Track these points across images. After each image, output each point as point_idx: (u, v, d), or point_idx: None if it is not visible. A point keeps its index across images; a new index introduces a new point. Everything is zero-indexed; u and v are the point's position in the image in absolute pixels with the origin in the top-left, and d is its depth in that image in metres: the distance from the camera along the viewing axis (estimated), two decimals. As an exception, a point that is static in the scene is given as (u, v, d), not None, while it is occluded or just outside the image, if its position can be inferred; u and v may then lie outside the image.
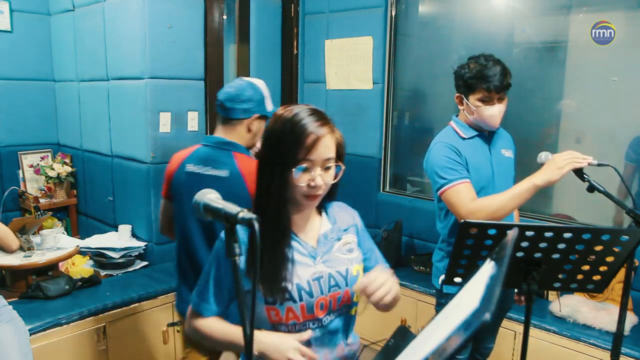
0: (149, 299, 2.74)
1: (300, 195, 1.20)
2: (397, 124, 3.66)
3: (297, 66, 3.95)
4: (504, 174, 2.04)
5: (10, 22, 3.48)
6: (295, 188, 1.18)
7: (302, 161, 1.16)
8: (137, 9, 2.95)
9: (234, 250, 0.94)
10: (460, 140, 2.01)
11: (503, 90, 1.90)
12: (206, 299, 1.26)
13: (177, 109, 3.15)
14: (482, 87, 1.88)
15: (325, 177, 1.20)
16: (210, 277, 1.26)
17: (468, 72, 1.92)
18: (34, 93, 3.67)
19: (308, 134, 1.16)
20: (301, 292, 1.22)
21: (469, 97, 1.94)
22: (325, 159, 1.19)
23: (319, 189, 1.19)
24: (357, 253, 1.35)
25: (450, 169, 1.90)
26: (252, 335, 0.95)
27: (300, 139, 1.15)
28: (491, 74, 1.86)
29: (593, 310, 2.52)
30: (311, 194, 1.19)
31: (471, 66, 1.92)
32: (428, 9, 3.54)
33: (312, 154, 1.16)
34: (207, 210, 1.00)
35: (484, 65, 1.89)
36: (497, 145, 2.06)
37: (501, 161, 2.04)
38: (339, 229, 1.33)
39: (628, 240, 1.38)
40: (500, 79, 1.87)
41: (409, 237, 3.45)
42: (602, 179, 1.76)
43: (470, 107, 1.94)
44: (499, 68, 1.88)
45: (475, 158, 1.98)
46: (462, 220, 1.43)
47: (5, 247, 2.09)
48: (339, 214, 1.37)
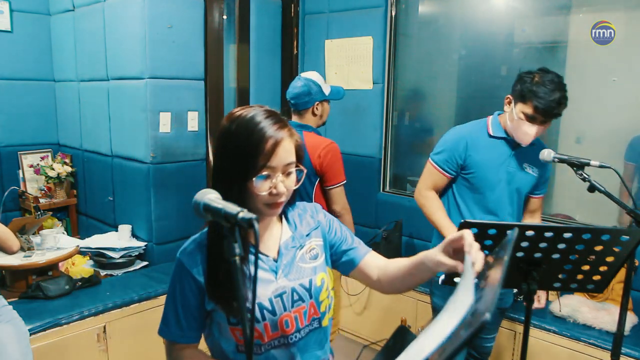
0: (149, 299, 2.74)
1: (262, 205, 1.13)
2: (397, 124, 3.66)
3: (297, 66, 3.95)
4: (514, 187, 2.04)
5: (10, 22, 3.48)
6: (257, 197, 1.12)
7: (262, 169, 1.09)
8: (137, 9, 2.95)
9: (234, 250, 0.94)
10: (483, 136, 2.03)
11: (550, 118, 1.90)
12: (176, 324, 1.18)
13: (177, 109, 3.15)
14: (534, 104, 1.86)
15: (287, 183, 1.14)
16: (176, 301, 1.18)
17: (529, 84, 1.88)
18: (34, 93, 3.67)
19: (267, 138, 1.09)
20: (263, 311, 1.15)
21: (517, 104, 1.93)
22: (286, 164, 1.13)
23: (281, 196, 1.13)
24: (323, 258, 1.28)
25: (444, 156, 2.06)
26: (252, 335, 0.95)
27: (259, 146, 1.09)
28: (550, 98, 1.84)
29: (593, 310, 2.52)
30: (274, 201, 1.13)
31: (535, 79, 1.89)
32: (428, 9, 3.54)
33: (273, 161, 1.10)
34: (207, 210, 1.00)
35: (547, 87, 1.85)
36: (523, 158, 2.04)
37: (517, 173, 2.03)
38: (301, 236, 1.26)
39: (628, 240, 1.38)
40: (554, 107, 1.85)
41: (409, 237, 3.45)
42: (602, 179, 1.76)
43: (513, 115, 1.94)
44: (559, 95, 1.85)
45: (485, 156, 2.00)
46: (462, 220, 1.43)
47: (7, 249, 2.09)
48: (300, 217, 1.29)
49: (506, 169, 2.02)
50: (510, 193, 2.04)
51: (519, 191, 2.07)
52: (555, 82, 1.88)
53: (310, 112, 2.49)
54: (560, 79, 1.91)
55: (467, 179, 2.07)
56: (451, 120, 3.49)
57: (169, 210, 3.17)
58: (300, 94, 2.45)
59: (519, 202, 2.11)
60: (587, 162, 1.73)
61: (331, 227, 1.33)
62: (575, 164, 1.75)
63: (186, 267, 1.16)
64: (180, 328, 1.18)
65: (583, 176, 1.73)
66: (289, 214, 1.28)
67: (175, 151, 3.18)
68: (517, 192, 2.06)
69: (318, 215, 1.32)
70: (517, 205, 2.10)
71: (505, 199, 2.05)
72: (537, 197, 2.18)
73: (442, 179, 2.09)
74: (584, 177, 1.73)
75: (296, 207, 1.31)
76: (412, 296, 3.04)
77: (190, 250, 1.18)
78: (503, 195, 2.03)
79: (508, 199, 2.05)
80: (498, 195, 2.03)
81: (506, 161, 2.02)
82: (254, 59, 3.77)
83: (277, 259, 1.21)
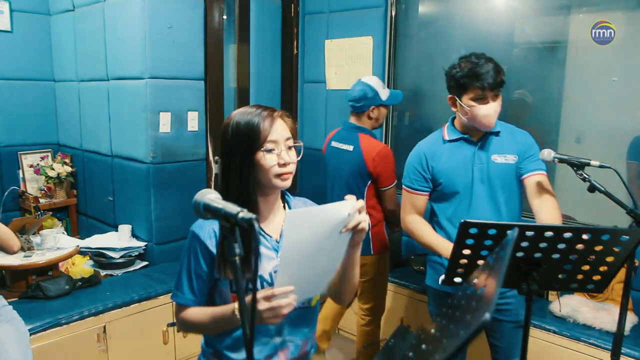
0: (149, 299, 2.75)
1: (274, 177, 1.26)
2: (397, 124, 3.66)
3: (297, 66, 3.95)
4: (491, 180, 1.95)
5: (10, 22, 3.48)
6: (268, 171, 1.25)
7: (265, 142, 1.25)
8: (137, 9, 2.95)
9: (234, 250, 0.94)
10: (440, 144, 2.00)
11: (497, 87, 1.85)
12: (189, 290, 1.31)
13: (177, 109, 3.15)
14: (476, 85, 1.83)
15: (291, 155, 1.29)
16: (190, 270, 1.30)
17: (460, 72, 1.87)
18: (34, 93, 3.67)
19: (263, 117, 1.27)
20: (263, 284, 1.28)
21: (462, 97, 1.89)
22: (287, 138, 1.29)
23: (288, 165, 1.27)
24: None
25: (411, 176, 2.05)
26: (252, 335, 0.95)
27: (259, 125, 1.26)
28: (483, 71, 1.82)
29: (593, 310, 2.52)
30: (283, 172, 1.26)
31: (462, 65, 1.88)
32: (428, 9, 3.54)
33: (273, 134, 1.26)
34: (207, 210, 1.00)
35: (476, 63, 1.84)
36: (488, 150, 1.96)
37: (487, 167, 1.95)
38: None
39: (628, 240, 1.38)
40: (493, 76, 1.82)
41: (409, 237, 3.44)
42: (602, 179, 1.75)
43: (464, 108, 1.89)
44: (492, 65, 1.83)
45: (449, 162, 1.97)
46: (462, 220, 1.43)
47: (7, 249, 2.09)
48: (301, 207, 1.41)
49: (475, 167, 1.95)
50: (490, 191, 1.95)
51: (502, 185, 1.96)
52: (481, 57, 1.86)
53: (366, 115, 2.66)
54: (482, 54, 1.89)
55: (440, 192, 2.02)
56: (451, 120, 3.49)
57: (169, 210, 3.17)
58: (357, 97, 2.64)
59: (509, 197, 1.98)
60: (587, 162, 1.73)
61: None
62: (575, 164, 1.75)
63: (201, 239, 1.28)
64: (193, 294, 1.31)
65: (583, 176, 1.73)
66: (291, 202, 1.41)
67: (175, 151, 3.18)
68: (499, 187, 1.96)
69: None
70: (507, 201, 1.97)
71: (485, 199, 1.96)
72: (531, 175, 1.94)
73: (419, 199, 2.05)
74: (584, 177, 1.73)
75: (298, 198, 1.45)
76: (412, 296, 3.04)
77: (203, 224, 1.30)
78: (482, 195, 1.95)
79: (489, 197, 1.96)
80: (477, 197, 1.95)
81: (472, 160, 1.95)
82: (254, 59, 3.77)
83: (280, 239, 1.33)
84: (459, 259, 1.50)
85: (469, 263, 1.51)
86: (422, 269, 3.22)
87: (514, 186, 1.99)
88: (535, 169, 1.95)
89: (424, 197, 2.06)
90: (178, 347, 2.86)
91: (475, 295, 0.85)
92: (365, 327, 2.81)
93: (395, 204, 2.64)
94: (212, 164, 3.40)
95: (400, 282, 3.10)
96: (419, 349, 0.89)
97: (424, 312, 2.98)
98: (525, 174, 1.96)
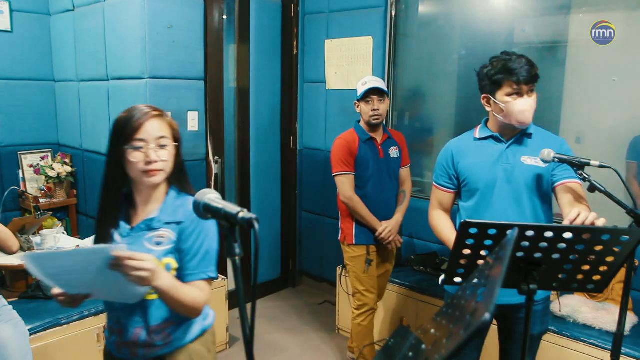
0: (149, 299, 2.74)
1: (140, 173, 1.36)
2: (397, 124, 3.66)
3: (297, 66, 3.95)
4: (517, 183, 1.89)
5: (10, 22, 3.48)
6: (134, 167, 1.35)
7: (134, 140, 1.35)
8: (137, 9, 2.95)
9: (234, 250, 0.94)
10: (469, 141, 2.00)
11: (532, 81, 1.82)
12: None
13: (177, 109, 3.15)
14: (511, 80, 1.80)
15: (160, 154, 1.37)
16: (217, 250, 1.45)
17: (492, 69, 1.85)
18: (34, 93, 3.67)
19: (136, 116, 1.37)
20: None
21: (497, 94, 1.85)
22: (158, 137, 1.37)
23: (154, 164, 1.35)
24: (167, 249, 1.40)
25: (438, 172, 2.08)
26: (252, 335, 0.95)
27: (131, 122, 1.36)
28: (517, 66, 1.79)
29: (593, 310, 2.52)
30: (148, 169, 1.36)
31: (495, 63, 1.86)
32: (428, 9, 3.54)
33: (142, 133, 1.36)
34: (207, 210, 1.00)
35: (508, 59, 1.82)
36: (519, 151, 1.91)
37: (516, 169, 1.89)
38: (160, 221, 1.41)
39: (628, 240, 1.38)
40: (527, 70, 1.79)
41: (409, 237, 3.45)
42: (602, 179, 1.75)
43: (499, 105, 1.85)
44: (525, 60, 1.81)
45: (475, 159, 1.95)
46: (462, 220, 1.43)
47: (7, 249, 2.09)
48: (176, 207, 1.43)
49: (501, 166, 1.91)
50: (514, 192, 1.90)
51: (528, 187, 1.90)
52: (512, 54, 1.85)
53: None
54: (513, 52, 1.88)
55: (465, 189, 2.00)
56: (451, 120, 3.49)
57: (169, 210, 3.17)
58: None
59: (536, 202, 1.91)
60: (587, 162, 1.73)
61: (188, 235, 1.41)
62: (576, 164, 1.74)
63: None
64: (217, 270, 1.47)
65: (583, 176, 1.73)
66: (172, 198, 1.45)
67: (175, 151, 3.17)
68: (525, 189, 1.90)
69: (190, 216, 1.40)
70: (533, 205, 1.91)
71: (508, 200, 1.91)
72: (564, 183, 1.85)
73: (444, 196, 2.05)
74: (584, 177, 1.72)
75: (182, 198, 1.46)
76: (412, 296, 3.04)
77: None
78: (505, 196, 1.91)
79: (513, 199, 1.91)
80: (499, 197, 1.92)
81: (500, 159, 1.91)
82: (254, 59, 3.77)
83: (133, 229, 1.42)
84: (459, 259, 1.50)
85: (469, 263, 1.51)
86: (422, 269, 3.23)
87: (543, 191, 1.91)
88: (570, 177, 1.84)
89: (449, 194, 2.05)
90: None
91: (475, 295, 0.85)
92: (353, 321, 2.86)
93: (343, 194, 2.73)
94: (212, 164, 3.40)
95: (400, 282, 3.10)
96: (419, 349, 0.89)
97: (424, 312, 2.98)
98: (558, 182, 1.86)
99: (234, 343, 3.25)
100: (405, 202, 2.87)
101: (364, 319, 2.81)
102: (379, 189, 2.75)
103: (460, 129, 2.13)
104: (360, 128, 2.76)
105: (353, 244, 2.78)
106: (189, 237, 1.40)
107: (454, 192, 2.04)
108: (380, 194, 2.76)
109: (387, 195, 2.79)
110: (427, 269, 3.19)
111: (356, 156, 2.71)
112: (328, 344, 3.31)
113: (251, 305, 0.98)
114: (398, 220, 2.80)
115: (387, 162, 2.77)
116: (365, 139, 2.72)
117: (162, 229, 1.41)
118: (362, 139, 2.72)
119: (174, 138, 1.43)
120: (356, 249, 2.78)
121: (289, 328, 3.53)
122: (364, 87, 2.68)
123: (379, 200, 2.76)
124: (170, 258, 1.40)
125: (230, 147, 3.69)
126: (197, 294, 1.38)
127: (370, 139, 2.73)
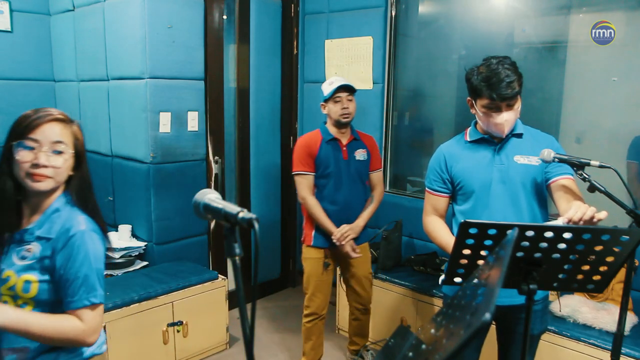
0: (149, 299, 2.74)
1: (24, 174, 1.27)
2: (397, 124, 3.66)
3: (297, 66, 3.95)
4: (512, 181, 1.90)
5: (10, 22, 3.48)
6: (19, 166, 1.27)
7: (27, 139, 1.27)
8: (137, 9, 2.95)
9: (234, 250, 0.94)
10: (461, 145, 2.00)
11: (509, 99, 1.80)
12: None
13: (177, 109, 3.15)
14: (486, 95, 1.81)
15: (52, 160, 1.29)
16: None
17: (476, 77, 1.84)
18: (33, 93, 3.67)
19: (39, 116, 1.30)
20: None
21: (477, 102, 1.88)
22: (54, 141, 1.29)
23: (42, 168, 1.27)
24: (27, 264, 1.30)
25: (431, 177, 2.05)
26: (252, 335, 0.95)
27: (29, 119, 1.30)
28: (496, 81, 1.77)
29: (593, 310, 2.52)
30: (34, 172, 1.27)
31: (480, 70, 1.85)
32: (428, 9, 3.54)
33: (37, 134, 1.28)
34: (207, 210, 1.00)
35: (492, 70, 1.79)
36: (510, 151, 1.92)
37: (510, 168, 1.90)
38: (32, 234, 1.32)
39: (628, 240, 1.38)
40: (506, 85, 1.77)
41: (408, 237, 3.45)
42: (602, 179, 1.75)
43: (479, 113, 1.88)
44: (509, 72, 1.78)
45: (468, 162, 1.95)
46: (462, 220, 1.43)
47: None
48: (54, 220, 1.33)
49: (496, 167, 1.91)
50: (510, 192, 1.90)
51: (525, 187, 1.90)
52: (501, 63, 1.81)
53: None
54: (502, 59, 1.84)
55: (460, 192, 1.99)
56: (451, 120, 3.49)
57: (169, 210, 3.17)
58: None
59: (532, 200, 1.92)
60: (587, 162, 1.72)
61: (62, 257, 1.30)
62: (575, 164, 1.74)
63: None
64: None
65: (583, 176, 1.73)
66: (52, 210, 1.34)
67: (175, 151, 3.18)
68: (521, 188, 1.90)
69: (64, 234, 1.32)
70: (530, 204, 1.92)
71: (505, 200, 1.91)
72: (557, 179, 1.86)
73: (438, 200, 2.03)
74: (584, 177, 1.72)
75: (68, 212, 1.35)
76: (412, 296, 3.04)
77: None
78: (501, 196, 1.91)
79: (509, 199, 1.91)
80: (495, 198, 1.92)
81: (493, 160, 1.92)
82: (254, 59, 3.77)
83: (8, 240, 1.33)
84: (459, 259, 1.50)
85: (469, 263, 1.51)
86: (422, 269, 3.22)
87: (538, 189, 1.93)
88: (562, 173, 1.86)
89: (443, 199, 2.03)
90: (178, 347, 2.85)
91: (475, 295, 0.85)
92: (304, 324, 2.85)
93: (298, 194, 2.72)
94: (212, 164, 3.40)
95: (400, 282, 3.10)
96: (419, 348, 0.89)
97: (424, 312, 2.98)
98: (552, 179, 1.87)
99: (234, 343, 3.25)
100: (371, 207, 2.79)
101: (309, 321, 2.81)
102: (339, 191, 2.69)
103: (460, 129, 2.12)
104: (325, 129, 2.72)
105: (310, 246, 2.75)
106: (63, 258, 1.29)
107: (448, 196, 2.03)
108: (341, 196, 2.69)
109: (348, 198, 2.71)
110: (427, 269, 3.19)
111: (316, 157, 2.66)
112: (328, 344, 3.31)
113: (251, 305, 0.97)
114: (358, 224, 2.71)
115: (351, 164, 2.70)
116: (328, 139, 2.68)
117: (32, 242, 1.32)
118: (325, 139, 2.68)
119: (76, 149, 1.34)
120: (312, 251, 2.75)
121: (289, 328, 3.53)
122: (331, 86, 2.65)
123: (339, 202, 2.70)
124: (29, 274, 1.30)
125: (230, 147, 3.70)
126: (72, 325, 1.27)
127: (334, 139, 2.68)
